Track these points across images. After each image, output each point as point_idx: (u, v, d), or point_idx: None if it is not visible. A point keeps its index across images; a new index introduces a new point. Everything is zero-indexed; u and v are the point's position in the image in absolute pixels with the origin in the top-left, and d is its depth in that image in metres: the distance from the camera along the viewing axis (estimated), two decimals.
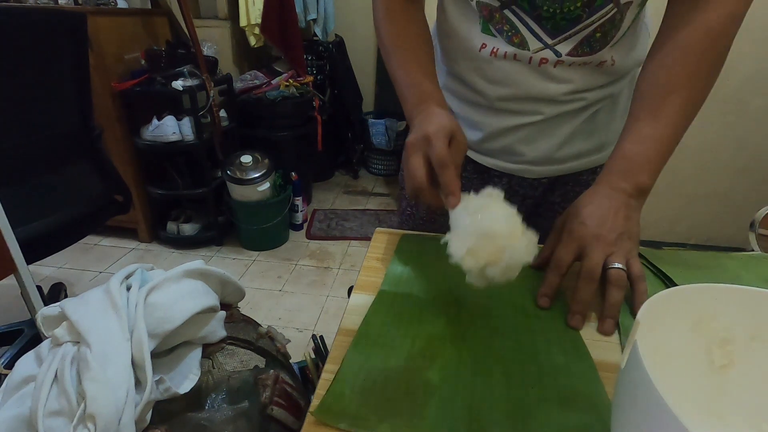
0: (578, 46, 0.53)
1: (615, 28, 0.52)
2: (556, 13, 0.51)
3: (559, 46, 0.53)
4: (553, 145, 0.62)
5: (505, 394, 0.34)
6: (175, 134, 1.88)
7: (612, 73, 0.57)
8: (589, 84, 0.57)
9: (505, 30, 0.54)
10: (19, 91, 1.04)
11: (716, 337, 0.29)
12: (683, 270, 0.50)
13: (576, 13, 0.50)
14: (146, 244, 2.16)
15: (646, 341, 0.23)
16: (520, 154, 0.63)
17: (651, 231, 2.23)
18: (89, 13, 1.48)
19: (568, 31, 0.52)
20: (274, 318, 1.70)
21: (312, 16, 2.58)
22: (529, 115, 0.59)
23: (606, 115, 0.62)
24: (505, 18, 0.53)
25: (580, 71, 0.55)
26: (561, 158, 0.63)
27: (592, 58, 0.54)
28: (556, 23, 0.52)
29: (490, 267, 0.39)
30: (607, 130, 0.63)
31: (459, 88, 0.64)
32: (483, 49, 0.56)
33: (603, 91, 0.59)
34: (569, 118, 0.60)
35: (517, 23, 0.53)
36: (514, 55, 0.55)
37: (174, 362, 0.48)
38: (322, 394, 0.33)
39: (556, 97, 0.57)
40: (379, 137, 2.95)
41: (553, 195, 0.68)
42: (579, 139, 0.62)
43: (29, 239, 1.01)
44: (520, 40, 0.54)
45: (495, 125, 0.62)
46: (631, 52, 0.57)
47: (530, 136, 0.61)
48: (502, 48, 0.55)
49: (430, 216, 0.71)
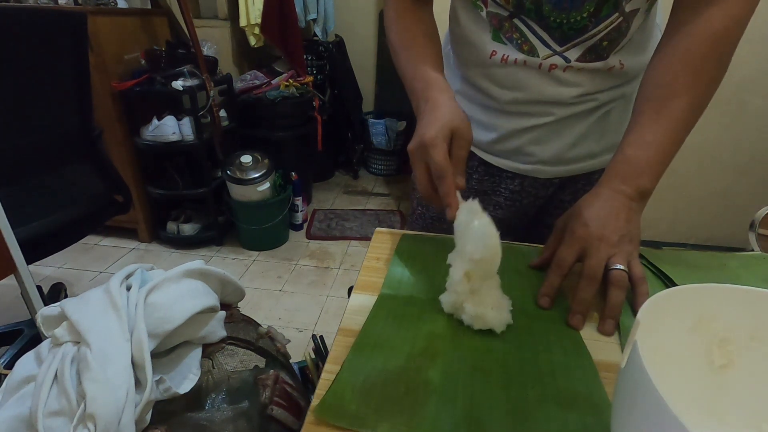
0: (586, 53, 0.54)
1: (621, 35, 0.53)
2: (563, 23, 0.51)
3: (567, 53, 0.54)
4: (565, 146, 0.62)
5: (505, 394, 0.34)
6: (175, 134, 1.88)
7: (622, 76, 0.57)
8: (599, 86, 0.57)
9: (515, 38, 0.55)
10: (19, 91, 1.04)
11: (716, 337, 0.29)
12: (683, 270, 0.50)
13: (582, 23, 0.51)
14: (146, 244, 2.16)
15: (646, 341, 0.23)
16: (532, 154, 0.63)
17: (651, 231, 2.23)
18: (89, 13, 1.48)
19: (575, 40, 0.53)
20: (274, 318, 1.70)
21: (312, 16, 2.58)
22: (540, 116, 0.60)
23: (618, 114, 0.62)
24: (514, 27, 0.54)
25: (589, 75, 0.56)
26: (573, 158, 0.63)
27: (600, 64, 0.55)
28: (564, 32, 0.52)
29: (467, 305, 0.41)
30: (619, 130, 0.62)
31: (471, 92, 0.64)
32: (494, 56, 0.57)
33: (615, 92, 0.59)
34: (581, 118, 0.60)
35: (526, 32, 0.54)
36: (524, 62, 0.56)
37: (174, 362, 0.48)
38: (322, 394, 0.33)
39: (567, 100, 0.57)
40: (379, 137, 2.95)
41: (563, 193, 0.68)
42: (591, 140, 0.62)
43: (29, 239, 1.01)
44: (529, 48, 0.55)
45: (507, 127, 0.62)
46: (642, 54, 0.57)
47: (542, 137, 0.61)
48: (512, 55, 0.56)
49: (441, 215, 0.71)
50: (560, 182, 0.67)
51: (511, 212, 0.70)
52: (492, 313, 0.40)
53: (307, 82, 2.38)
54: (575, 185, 0.67)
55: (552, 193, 0.68)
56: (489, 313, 0.40)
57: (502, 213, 0.69)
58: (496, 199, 0.69)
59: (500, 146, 0.64)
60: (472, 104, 0.65)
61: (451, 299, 0.42)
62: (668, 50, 0.49)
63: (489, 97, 0.62)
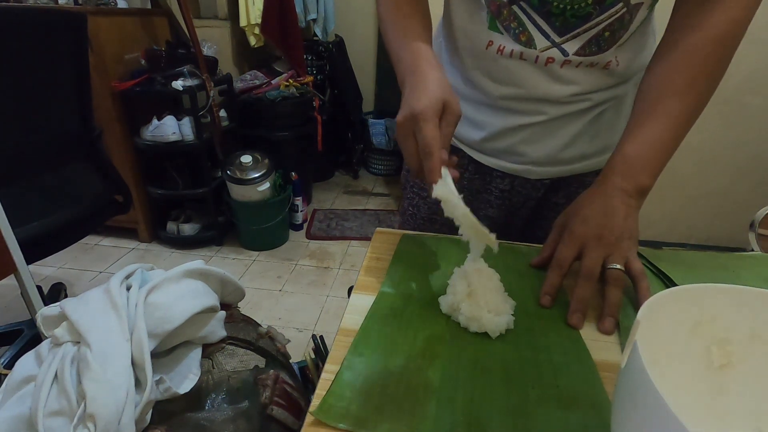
0: (586, 45, 0.53)
1: (623, 28, 0.52)
2: (565, 9, 0.50)
3: (566, 45, 0.53)
4: (557, 146, 0.61)
5: (505, 394, 0.34)
6: (175, 134, 1.88)
7: (617, 76, 0.57)
8: (594, 86, 0.57)
9: (512, 27, 0.54)
10: (19, 91, 1.04)
11: (716, 337, 0.29)
12: (683, 270, 0.50)
13: (586, 10, 0.50)
14: (146, 244, 2.16)
15: (646, 341, 0.23)
16: (524, 154, 0.62)
17: (651, 231, 2.23)
18: (89, 13, 1.48)
19: (576, 29, 0.52)
20: (274, 318, 1.70)
21: (312, 16, 2.59)
22: (532, 115, 0.59)
23: (611, 116, 0.62)
24: (513, 14, 0.53)
25: (585, 72, 0.55)
26: (565, 159, 0.63)
27: (598, 58, 0.54)
28: (566, 20, 0.51)
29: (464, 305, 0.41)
30: (612, 132, 0.62)
31: (462, 87, 0.63)
32: (489, 47, 0.56)
33: (608, 93, 0.58)
34: (574, 118, 0.60)
35: (525, 20, 0.53)
36: (521, 54, 0.55)
37: (174, 362, 0.48)
38: (322, 394, 0.33)
39: (560, 98, 0.57)
40: (379, 137, 2.95)
41: (556, 196, 0.68)
42: (583, 141, 0.62)
43: (29, 239, 1.01)
44: (527, 38, 0.54)
45: (498, 125, 0.61)
46: (637, 55, 0.57)
47: (533, 137, 0.61)
48: (508, 46, 0.55)
49: (431, 216, 0.71)
50: (552, 183, 0.66)
51: (503, 211, 0.69)
52: (488, 316, 0.40)
53: (307, 82, 2.39)
54: (568, 187, 0.66)
55: (544, 195, 0.68)
56: (485, 315, 0.40)
57: (493, 212, 0.69)
58: (487, 197, 0.69)
59: (491, 145, 0.64)
60: (462, 100, 0.63)
61: (448, 300, 0.43)
62: (669, 50, 0.49)
63: (480, 91, 0.61)
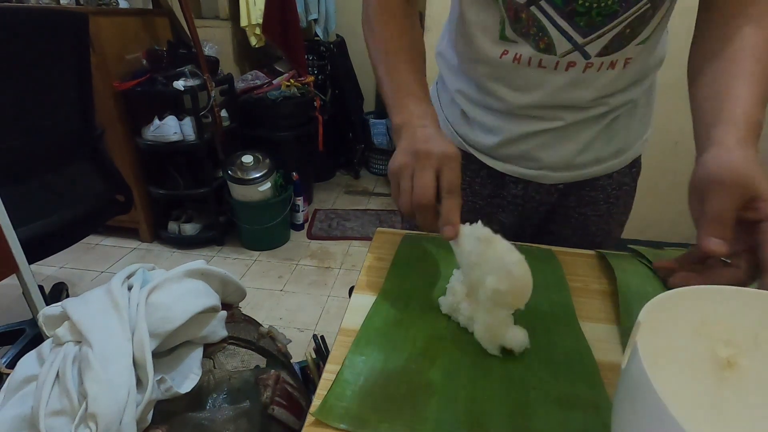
0: (609, 45, 0.51)
1: (644, 24, 0.51)
2: (591, 7, 0.48)
3: (589, 47, 0.51)
4: (573, 151, 0.60)
5: (506, 394, 0.34)
6: (176, 134, 1.88)
7: (634, 75, 0.56)
8: (612, 88, 0.56)
9: (531, 33, 0.52)
10: (20, 91, 1.05)
11: (718, 339, 0.29)
12: None
13: (613, 8, 0.48)
14: (147, 244, 2.16)
15: (648, 342, 0.23)
16: (538, 159, 0.61)
17: (653, 231, 2.23)
18: (91, 13, 1.48)
19: (602, 29, 0.50)
20: (275, 318, 1.70)
21: (313, 16, 2.59)
22: (549, 120, 0.58)
23: (625, 120, 0.61)
24: (532, 18, 0.51)
25: (604, 75, 0.54)
26: (580, 164, 0.62)
27: (618, 55, 0.52)
28: (591, 19, 0.49)
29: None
30: (625, 136, 0.62)
31: (474, 94, 0.62)
32: (504, 56, 0.55)
33: (625, 96, 0.57)
34: (590, 123, 0.59)
35: (546, 23, 0.51)
36: (540, 61, 0.53)
37: (175, 362, 0.48)
38: (323, 394, 0.33)
39: (581, 103, 0.56)
40: (380, 137, 2.95)
41: (567, 199, 0.67)
42: (598, 145, 0.61)
43: (31, 239, 1.01)
44: (545, 45, 0.52)
45: (513, 131, 0.60)
46: (652, 52, 0.56)
47: (549, 142, 0.60)
48: (525, 53, 0.53)
49: None
50: (565, 188, 0.65)
51: (515, 217, 0.68)
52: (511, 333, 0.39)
53: (308, 82, 2.39)
54: (580, 191, 0.65)
55: (557, 200, 0.67)
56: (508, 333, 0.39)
57: (505, 218, 0.68)
58: (500, 202, 0.67)
59: (504, 150, 0.63)
60: (474, 106, 0.63)
61: (448, 300, 0.43)
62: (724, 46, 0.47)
63: (497, 99, 0.59)
